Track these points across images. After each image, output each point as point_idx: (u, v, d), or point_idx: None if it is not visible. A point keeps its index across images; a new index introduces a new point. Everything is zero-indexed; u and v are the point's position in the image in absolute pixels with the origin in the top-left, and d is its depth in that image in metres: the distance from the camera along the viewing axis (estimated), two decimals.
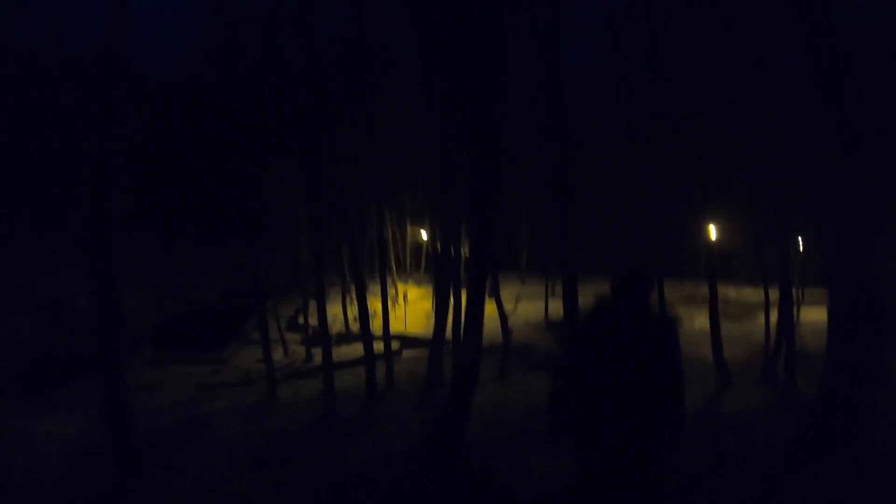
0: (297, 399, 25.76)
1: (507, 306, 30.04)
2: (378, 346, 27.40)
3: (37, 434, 22.14)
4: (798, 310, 30.73)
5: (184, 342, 35.94)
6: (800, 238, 34.20)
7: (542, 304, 40.16)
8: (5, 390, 27.60)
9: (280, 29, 25.89)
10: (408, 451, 12.11)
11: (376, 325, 29.61)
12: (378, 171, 29.36)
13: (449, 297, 24.15)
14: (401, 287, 44.87)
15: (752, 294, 41.41)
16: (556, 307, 28.90)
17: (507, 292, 39.81)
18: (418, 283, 49.84)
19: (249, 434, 19.35)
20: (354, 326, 36.58)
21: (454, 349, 23.03)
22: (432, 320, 25.76)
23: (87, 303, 38.02)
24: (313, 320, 32.88)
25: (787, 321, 22.42)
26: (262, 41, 27.50)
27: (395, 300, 41.24)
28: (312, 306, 32.90)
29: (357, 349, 33.08)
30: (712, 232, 26.65)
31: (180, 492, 11.35)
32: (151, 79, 41.02)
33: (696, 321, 32.27)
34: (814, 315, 29.52)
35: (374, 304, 32.20)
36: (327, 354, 23.46)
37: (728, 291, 39.12)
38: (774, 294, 25.43)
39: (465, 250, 27.71)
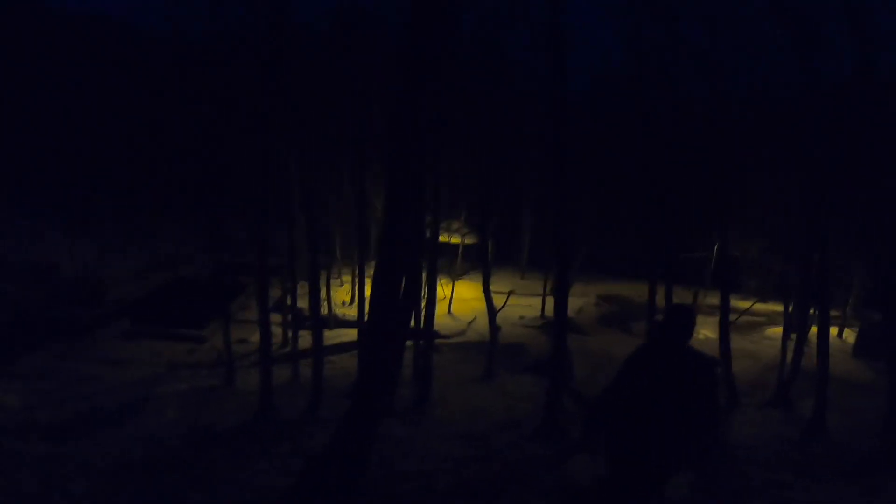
0: (255, 388, 21.85)
1: (498, 301, 25.89)
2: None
3: None
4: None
5: (165, 317, 32.09)
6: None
7: (539, 302, 35.82)
8: None
9: None
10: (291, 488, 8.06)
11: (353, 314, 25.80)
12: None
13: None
14: None
15: (760, 307, 37.37)
16: None
17: (502, 286, 36.01)
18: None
19: (173, 427, 16.44)
20: (344, 311, 32.76)
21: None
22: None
23: (70, 269, 35.53)
24: (301, 303, 29.20)
25: (823, 344, 18.21)
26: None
27: None
28: (302, 289, 29.17)
29: (340, 335, 29.47)
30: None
31: None
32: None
33: (702, 332, 28.65)
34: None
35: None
36: (265, 344, 19.41)
37: (736, 303, 34.83)
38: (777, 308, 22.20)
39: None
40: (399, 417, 16.73)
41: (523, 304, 34.92)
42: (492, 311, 24.73)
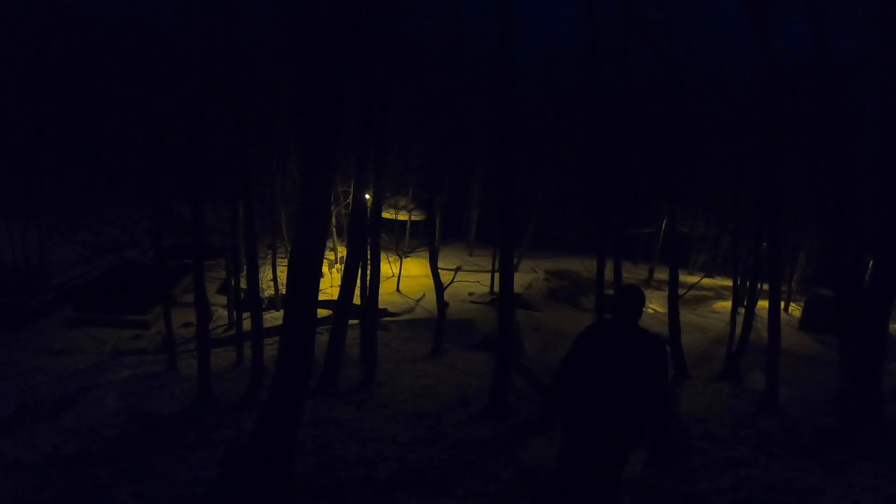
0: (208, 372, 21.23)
1: (446, 277, 25.41)
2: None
3: None
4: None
5: (108, 302, 31.09)
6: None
7: (488, 278, 35.32)
8: None
9: None
10: (217, 482, 7.47)
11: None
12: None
13: (361, 263, 19.76)
14: (341, 250, 39.21)
15: (708, 282, 37.45)
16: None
17: (450, 263, 35.53)
18: None
19: (112, 416, 15.61)
20: None
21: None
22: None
23: (10, 256, 34.20)
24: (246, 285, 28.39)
25: (774, 318, 17.83)
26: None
27: (334, 264, 36.32)
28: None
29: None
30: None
31: None
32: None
33: (651, 306, 28.57)
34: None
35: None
36: (202, 328, 18.66)
37: (684, 277, 34.79)
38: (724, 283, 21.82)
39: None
40: (342, 398, 16.23)
41: (472, 280, 34.44)
42: (439, 287, 24.26)
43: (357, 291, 20.20)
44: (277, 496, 6.55)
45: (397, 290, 34.06)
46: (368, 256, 20.51)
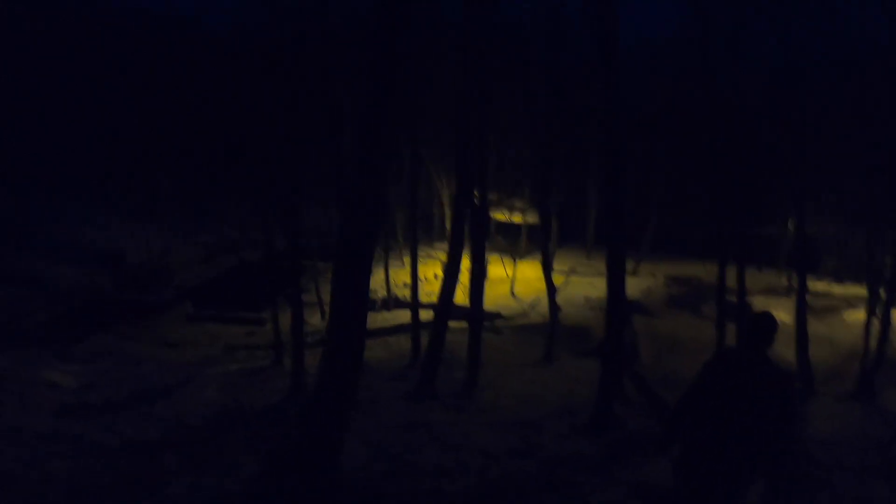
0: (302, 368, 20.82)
1: (558, 280, 24.28)
2: (425, 316, 22.55)
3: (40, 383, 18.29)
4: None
5: (226, 300, 31.52)
6: None
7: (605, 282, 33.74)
8: (29, 338, 24.22)
9: None
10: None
11: (422, 293, 24.77)
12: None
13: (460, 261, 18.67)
14: None
15: (837, 289, 34.65)
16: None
17: (566, 266, 34.28)
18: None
19: (205, 406, 15.27)
20: (401, 292, 31.38)
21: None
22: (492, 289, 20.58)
23: (136, 256, 35.17)
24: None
25: None
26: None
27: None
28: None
29: (398, 316, 28.09)
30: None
31: None
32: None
33: (776, 315, 26.56)
34: None
35: (423, 272, 27.25)
36: (297, 325, 18.40)
37: (812, 285, 32.15)
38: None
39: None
40: (441, 401, 15.29)
41: (588, 283, 33.03)
42: (552, 291, 23.11)
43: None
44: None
45: (512, 293, 33.03)
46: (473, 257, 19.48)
